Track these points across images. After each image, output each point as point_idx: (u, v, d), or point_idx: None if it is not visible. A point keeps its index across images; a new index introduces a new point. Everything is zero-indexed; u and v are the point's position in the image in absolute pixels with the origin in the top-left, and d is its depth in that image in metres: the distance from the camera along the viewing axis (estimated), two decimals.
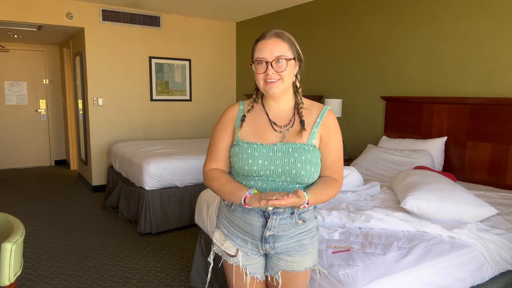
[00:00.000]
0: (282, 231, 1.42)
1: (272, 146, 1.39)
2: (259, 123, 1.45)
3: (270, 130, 1.43)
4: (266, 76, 1.37)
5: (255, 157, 1.37)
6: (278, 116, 1.46)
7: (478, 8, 3.17)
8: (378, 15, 3.98)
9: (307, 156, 1.37)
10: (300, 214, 1.44)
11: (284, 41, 1.39)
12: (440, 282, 1.77)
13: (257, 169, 1.37)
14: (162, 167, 3.92)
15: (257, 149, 1.38)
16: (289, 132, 1.42)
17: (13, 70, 6.85)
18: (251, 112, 1.48)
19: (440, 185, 2.25)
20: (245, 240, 1.46)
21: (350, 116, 4.36)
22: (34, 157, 7.25)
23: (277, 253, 1.46)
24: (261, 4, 4.99)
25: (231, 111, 1.50)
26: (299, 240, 1.45)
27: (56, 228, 4.02)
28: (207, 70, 6.11)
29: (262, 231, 1.42)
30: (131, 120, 5.56)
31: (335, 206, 2.39)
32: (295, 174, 1.37)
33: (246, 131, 1.44)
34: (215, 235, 1.55)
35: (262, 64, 1.37)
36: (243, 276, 1.50)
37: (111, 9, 5.15)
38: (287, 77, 1.39)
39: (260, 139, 1.42)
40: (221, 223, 1.53)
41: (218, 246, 1.52)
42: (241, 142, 1.42)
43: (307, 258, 1.47)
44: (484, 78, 3.16)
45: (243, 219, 1.44)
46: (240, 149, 1.40)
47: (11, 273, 1.73)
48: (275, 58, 1.36)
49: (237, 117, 1.48)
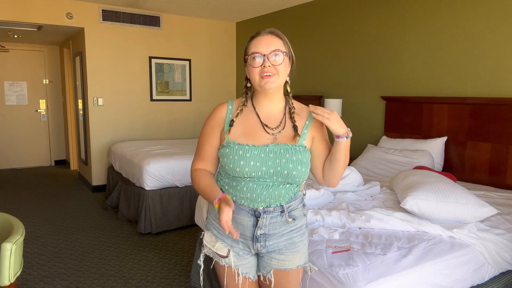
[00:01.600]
0: (273, 229, 1.43)
1: (264, 148, 1.39)
2: (250, 124, 1.44)
3: (262, 132, 1.43)
4: (262, 70, 1.36)
5: (246, 158, 1.37)
6: (269, 117, 1.46)
7: (478, 8, 3.17)
8: (378, 15, 3.98)
9: (298, 157, 1.39)
10: (290, 212, 1.45)
11: (279, 38, 1.40)
12: (440, 282, 1.77)
13: (249, 171, 1.37)
14: (162, 167, 3.92)
15: (249, 151, 1.38)
16: (280, 134, 1.43)
17: (13, 70, 6.85)
18: (241, 113, 1.46)
19: (440, 185, 2.25)
20: (236, 240, 1.46)
21: (350, 116, 4.36)
22: (34, 157, 7.25)
23: (269, 251, 1.46)
24: (261, 4, 4.99)
25: (219, 112, 1.48)
26: (290, 238, 1.46)
27: (56, 228, 4.03)
28: (207, 70, 6.11)
29: (253, 230, 1.43)
30: (131, 120, 5.56)
31: (335, 206, 2.39)
32: (287, 174, 1.38)
33: (237, 132, 1.43)
34: (205, 237, 1.53)
35: (258, 59, 1.36)
36: (235, 277, 1.49)
37: (111, 9, 5.15)
38: (283, 72, 1.39)
39: (251, 141, 1.41)
40: (211, 224, 1.52)
41: (209, 247, 1.51)
42: (232, 143, 1.40)
43: (298, 256, 1.48)
44: (484, 78, 3.16)
45: (234, 219, 1.43)
46: (231, 151, 1.39)
47: (11, 273, 1.73)
48: (272, 51, 1.36)
49: (226, 118, 1.46)
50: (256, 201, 1.40)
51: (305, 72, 4.92)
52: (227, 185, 1.45)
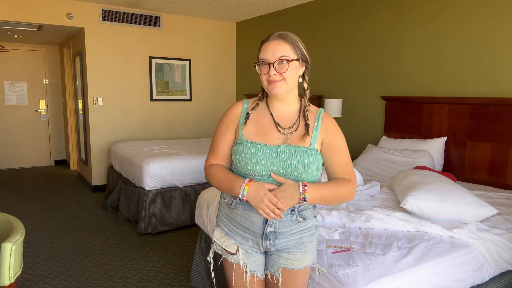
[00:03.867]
0: (282, 227, 1.43)
1: (276, 148, 1.41)
2: (263, 123, 1.47)
3: (274, 131, 1.45)
4: (268, 77, 1.40)
5: (258, 157, 1.39)
6: (283, 117, 1.48)
7: (479, 8, 3.17)
8: (378, 15, 3.99)
9: (310, 160, 1.40)
10: (301, 212, 1.45)
11: (287, 42, 1.41)
12: (440, 282, 1.77)
13: (260, 169, 1.39)
14: (162, 167, 3.92)
15: (261, 150, 1.40)
16: (292, 135, 1.44)
17: (13, 70, 6.85)
18: (255, 111, 1.50)
19: (440, 185, 2.25)
20: (245, 237, 1.47)
21: (350, 116, 4.36)
22: (34, 157, 7.25)
23: (278, 250, 1.47)
24: (261, 4, 4.99)
25: (235, 109, 1.52)
26: (299, 238, 1.46)
27: (56, 228, 4.02)
28: (207, 70, 6.11)
29: (263, 227, 1.43)
30: (131, 120, 5.56)
31: (335, 206, 2.39)
32: (297, 176, 1.39)
33: (250, 131, 1.46)
34: (214, 233, 1.56)
35: (265, 65, 1.41)
36: (243, 274, 1.50)
37: (111, 9, 5.15)
38: (290, 78, 1.41)
39: (263, 140, 1.43)
40: (221, 221, 1.54)
41: (219, 244, 1.53)
42: (245, 141, 1.43)
43: (307, 256, 1.48)
44: (484, 78, 3.16)
45: (244, 216, 1.45)
46: (243, 148, 1.42)
47: (11, 273, 1.73)
48: (277, 59, 1.38)
49: (241, 116, 1.50)
50: None
51: None
52: None
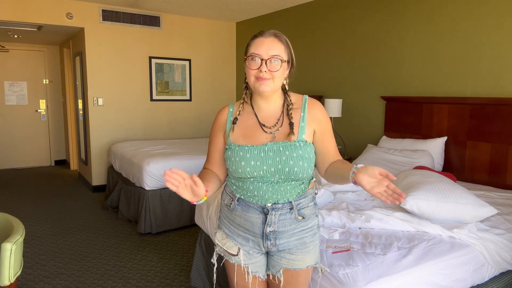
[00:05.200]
0: (282, 226, 1.43)
1: (263, 147, 1.40)
2: (249, 126, 1.46)
3: (260, 132, 1.44)
4: (258, 73, 1.37)
5: (247, 158, 1.39)
6: (267, 116, 1.47)
7: (478, 8, 3.17)
8: (378, 15, 3.98)
9: (299, 153, 1.38)
10: (300, 210, 1.44)
11: (281, 42, 1.39)
12: (440, 282, 1.77)
13: (250, 171, 1.39)
14: (162, 167, 3.92)
15: (249, 151, 1.40)
16: (278, 132, 1.43)
17: (13, 70, 6.85)
18: (241, 115, 1.48)
19: (440, 185, 2.25)
20: (246, 238, 1.47)
21: (350, 116, 4.36)
22: (34, 157, 7.25)
23: (279, 250, 1.46)
24: (261, 4, 4.99)
25: (220, 116, 1.53)
26: (301, 238, 1.45)
27: (56, 228, 4.02)
28: (207, 70, 6.11)
29: (263, 227, 1.43)
30: (131, 120, 5.56)
31: (335, 206, 2.39)
32: (288, 171, 1.38)
33: (237, 134, 1.46)
34: (216, 235, 1.56)
35: (256, 61, 1.37)
36: (245, 275, 1.50)
37: (111, 9, 5.15)
38: (278, 78, 1.39)
39: (250, 141, 1.43)
40: (222, 223, 1.55)
41: (220, 246, 1.53)
42: (233, 145, 1.43)
43: (309, 256, 1.48)
44: (484, 78, 3.16)
45: (243, 217, 1.45)
46: (232, 153, 1.42)
47: (11, 273, 1.73)
48: (271, 57, 1.36)
49: (227, 121, 1.50)
50: (263, 198, 1.41)
51: (305, 72, 4.92)
52: (235, 185, 1.48)
